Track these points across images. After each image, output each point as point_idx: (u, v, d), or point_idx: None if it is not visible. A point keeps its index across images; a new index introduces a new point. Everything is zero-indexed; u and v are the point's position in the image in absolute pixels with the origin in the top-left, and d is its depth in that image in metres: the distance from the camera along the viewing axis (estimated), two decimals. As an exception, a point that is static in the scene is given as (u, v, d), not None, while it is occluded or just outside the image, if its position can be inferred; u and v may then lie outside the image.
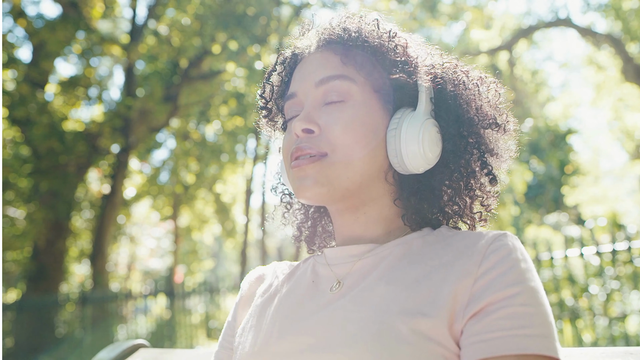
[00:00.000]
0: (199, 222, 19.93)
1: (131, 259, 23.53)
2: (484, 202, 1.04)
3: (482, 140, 1.01)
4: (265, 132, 1.20)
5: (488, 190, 1.03)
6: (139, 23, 13.33)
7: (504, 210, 17.20)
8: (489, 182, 1.02)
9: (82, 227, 15.96)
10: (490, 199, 1.04)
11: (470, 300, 0.80)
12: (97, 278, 12.48)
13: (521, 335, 0.75)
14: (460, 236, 0.91)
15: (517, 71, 17.43)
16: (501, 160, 1.04)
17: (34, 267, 12.01)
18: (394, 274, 0.88)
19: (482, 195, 1.03)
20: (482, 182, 1.02)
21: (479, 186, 1.02)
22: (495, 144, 1.03)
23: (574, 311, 5.41)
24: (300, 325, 0.88)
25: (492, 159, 1.03)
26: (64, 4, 12.14)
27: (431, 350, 0.78)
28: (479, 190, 1.02)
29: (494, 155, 1.03)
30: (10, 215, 13.12)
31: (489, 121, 1.02)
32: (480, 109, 1.02)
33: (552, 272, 5.42)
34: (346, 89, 0.97)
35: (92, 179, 15.00)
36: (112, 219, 13.39)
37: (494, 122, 1.02)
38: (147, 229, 23.88)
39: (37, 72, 11.88)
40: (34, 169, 11.90)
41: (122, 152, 12.95)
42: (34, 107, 11.39)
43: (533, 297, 0.79)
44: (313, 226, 1.17)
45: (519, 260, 0.82)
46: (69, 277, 16.18)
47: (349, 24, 1.02)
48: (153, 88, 12.54)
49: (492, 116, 1.02)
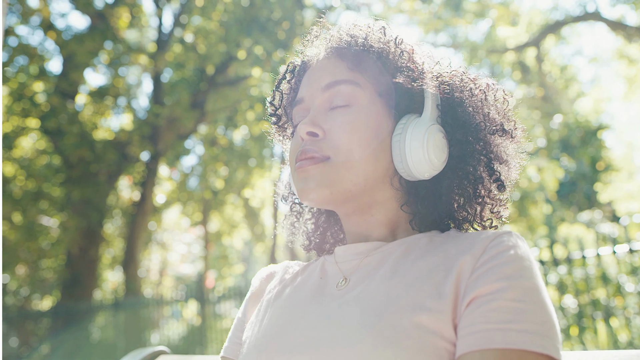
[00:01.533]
0: (228, 227, 20.05)
1: (163, 264, 23.79)
2: (494, 209, 1.04)
3: (489, 147, 1.01)
4: (275, 139, 1.22)
5: (497, 198, 1.03)
6: (166, 31, 13.50)
7: (536, 209, 16.96)
8: (497, 189, 1.02)
9: (114, 235, 16.21)
10: (500, 205, 1.04)
11: (465, 292, 0.80)
12: (130, 284, 12.65)
13: (507, 330, 0.74)
14: (467, 235, 0.91)
15: (546, 67, 17.19)
16: (510, 167, 1.04)
17: (68, 275, 12.22)
18: (399, 269, 0.89)
19: (491, 202, 1.03)
20: (491, 189, 1.02)
21: (488, 193, 1.02)
22: (503, 150, 1.03)
23: (608, 310, 5.30)
24: (305, 319, 0.89)
25: (501, 166, 1.02)
26: (92, 15, 12.34)
27: (434, 344, 0.77)
28: (488, 197, 1.02)
29: (503, 162, 1.03)
30: (44, 224, 13.39)
31: (496, 127, 1.01)
32: (487, 115, 1.01)
33: (585, 271, 5.31)
34: (352, 94, 0.99)
35: (122, 187, 15.20)
36: (143, 225, 13.55)
37: (501, 129, 1.02)
38: (178, 234, 24.11)
39: (67, 83, 12.09)
40: (66, 178, 12.13)
41: (151, 159, 13.11)
42: (65, 118, 11.61)
43: (527, 294, 0.77)
44: (322, 234, 1.18)
45: (517, 257, 0.81)
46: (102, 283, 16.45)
47: (356, 31, 1.05)
48: (180, 95, 12.68)
49: (499, 122, 1.02)
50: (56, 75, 12.41)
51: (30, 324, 12.06)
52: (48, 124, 11.56)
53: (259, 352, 0.90)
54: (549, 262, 5.30)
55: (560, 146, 22.49)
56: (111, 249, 16.55)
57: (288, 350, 0.85)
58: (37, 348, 11.43)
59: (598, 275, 5.35)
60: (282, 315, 0.95)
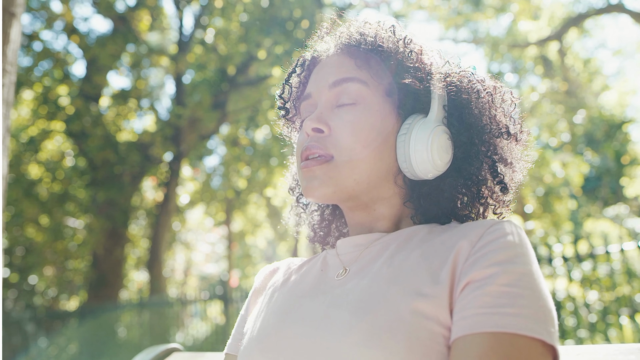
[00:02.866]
0: (251, 226, 20.15)
1: (187, 264, 23.99)
2: (496, 210, 1.05)
3: (494, 149, 1.02)
4: (284, 132, 1.25)
5: (501, 199, 1.04)
6: (186, 33, 13.60)
7: (561, 205, 16.74)
8: (500, 191, 1.03)
9: (138, 235, 16.37)
10: (503, 207, 1.05)
11: (460, 278, 0.81)
12: (155, 284, 12.77)
13: (499, 314, 0.74)
14: (466, 224, 0.91)
15: (569, 61, 16.97)
16: (514, 170, 1.05)
17: (94, 275, 12.40)
18: (397, 258, 0.90)
19: (494, 203, 1.04)
20: (494, 191, 1.03)
21: (491, 194, 1.03)
22: (509, 153, 1.04)
23: (633, 306, 5.22)
24: (303, 311, 0.91)
25: (505, 168, 1.04)
26: (114, 18, 12.48)
27: (430, 329, 0.78)
28: (491, 198, 1.03)
29: (507, 165, 1.04)
30: (70, 226, 13.58)
31: (502, 130, 1.02)
32: (493, 117, 1.02)
33: (609, 266, 5.24)
34: (358, 92, 1.00)
35: (146, 188, 15.35)
36: (167, 226, 13.67)
37: (507, 131, 1.02)
38: (202, 234, 24.29)
39: (91, 86, 12.25)
40: (91, 180, 12.29)
41: (174, 160, 13.22)
42: (89, 120, 11.76)
43: (521, 280, 0.77)
44: (327, 226, 1.20)
45: (512, 244, 0.82)
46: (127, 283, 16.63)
47: (366, 29, 1.06)
48: (202, 96, 12.74)
49: (505, 125, 1.03)
50: (80, 79, 12.58)
51: (58, 323, 12.24)
52: (72, 127, 11.73)
53: (257, 343, 0.92)
54: (572, 257, 5.24)
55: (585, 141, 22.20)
56: (136, 250, 16.72)
57: (286, 341, 0.87)
58: (65, 347, 11.60)
59: (623, 271, 5.28)
60: (281, 307, 0.96)
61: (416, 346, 0.76)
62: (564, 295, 5.55)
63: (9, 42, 1.87)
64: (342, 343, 0.79)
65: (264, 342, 0.91)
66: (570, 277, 5.47)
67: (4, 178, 1.91)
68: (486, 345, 0.72)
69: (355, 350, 0.78)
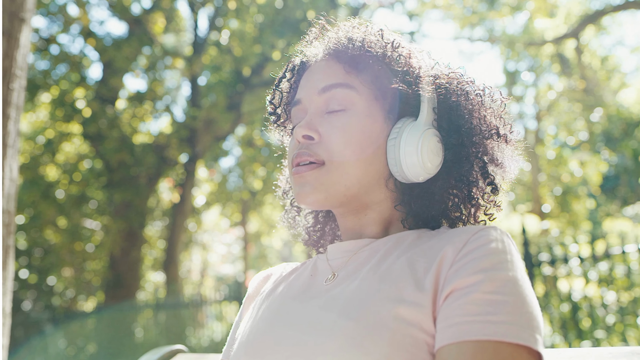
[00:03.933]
0: (267, 227, 20.21)
1: (203, 265, 24.10)
2: (487, 211, 1.05)
3: (484, 150, 1.02)
4: (275, 137, 1.27)
5: (491, 200, 1.04)
6: (201, 35, 13.65)
7: (579, 204, 16.58)
8: (491, 192, 1.04)
9: (155, 236, 16.49)
10: (494, 207, 1.05)
11: (444, 285, 0.80)
12: (171, 285, 12.85)
13: (483, 322, 0.73)
14: (453, 230, 0.91)
15: (586, 59, 16.80)
16: (505, 170, 1.05)
17: (111, 276, 12.49)
18: (384, 264, 0.90)
19: (485, 203, 1.04)
20: (485, 192, 1.03)
21: (482, 195, 1.03)
22: (499, 153, 1.04)
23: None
24: (291, 315, 0.91)
25: (496, 169, 1.04)
26: (130, 21, 12.57)
27: (412, 336, 0.78)
28: (482, 199, 1.04)
29: (498, 165, 1.04)
30: (88, 227, 13.71)
31: (492, 131, 1.02)
32: (483, 119, 1.03)
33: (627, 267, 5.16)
34: (348, 98, 1.00)
35: (162, 189, 15.44)
36: (183, 227, 13.74)
37: (497, 132, 1.03)
38: (218, 235, 24.40)
39: (107, 89, 12.35)
40: (108, 181, 12.39)
41: (190, 161, 13.28)
42: (105, 123, 11.85)
43: (505, 286, 0.77)
44: (321, 230, 1.21)
45: (497, 250, 0.81)
46: (144, 284, 16.73)
47: (354, 34, 1.07)
48: (217, 98, 12.80)
49: (494, 126, 1.03)
50: (96, 82, 12.68)
51: (76, 324, 12.34)
52: (89, 129, 11.82)
53: (245, 348, 0.92)
54: (589, 257, 5.17)
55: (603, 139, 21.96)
56: (153, 251, 16.83)
57: (273, 346, 0.87)
58: (83, 348, 11.71)
59: (640, 272, 5.20)
60: (271, 312, 0.97)
61: (398, 352, 0.76)
62: (580, 296, 5.48)
63: (18, 47, 1.88)
64: (326, 346, 0.80)
65: (252, 347, 0.91)
66: (587, 278, 5.40)
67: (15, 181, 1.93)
68: (470, 353, 0.72)
69: (338, 354, 0.78)
